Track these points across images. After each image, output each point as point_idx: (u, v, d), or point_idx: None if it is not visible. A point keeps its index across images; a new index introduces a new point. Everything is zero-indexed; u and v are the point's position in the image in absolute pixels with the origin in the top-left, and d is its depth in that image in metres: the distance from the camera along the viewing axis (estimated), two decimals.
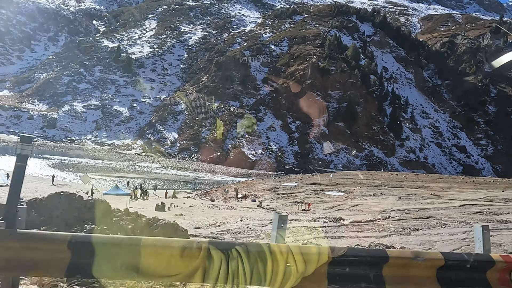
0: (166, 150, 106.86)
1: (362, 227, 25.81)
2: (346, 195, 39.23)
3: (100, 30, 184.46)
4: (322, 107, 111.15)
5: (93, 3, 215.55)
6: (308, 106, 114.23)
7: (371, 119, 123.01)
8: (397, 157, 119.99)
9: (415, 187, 48.87)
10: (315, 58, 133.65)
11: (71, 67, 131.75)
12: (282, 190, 42.84)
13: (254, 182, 53.89)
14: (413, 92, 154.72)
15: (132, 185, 43.68)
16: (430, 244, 19.84)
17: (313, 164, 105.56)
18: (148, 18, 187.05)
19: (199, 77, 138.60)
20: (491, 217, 27.15)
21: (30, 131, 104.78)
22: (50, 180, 38.16)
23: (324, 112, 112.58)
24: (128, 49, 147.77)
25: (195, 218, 26.57)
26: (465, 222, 25.32)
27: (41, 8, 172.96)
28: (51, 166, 60.34)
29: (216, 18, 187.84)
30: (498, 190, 48.15)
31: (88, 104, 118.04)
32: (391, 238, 21.77)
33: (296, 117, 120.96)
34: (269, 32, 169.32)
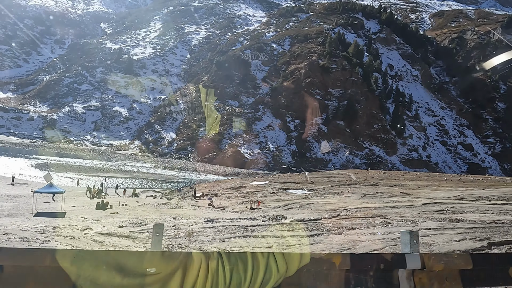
0: (163, 150, 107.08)
1: (298, 226, 24.83)
2: (308, 194, 38.10)
3: (107, 32, 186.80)
4: (316, 106, 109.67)
5: (102, 6, 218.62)
6: (302, 105, 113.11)
7: (372, 118, 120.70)
8: (399, 155, 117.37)
9: (390, 185, 47.29)
10: (316, 56, 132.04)
11: (73, 69, 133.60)
12: (247, 189, 41.96)
13: (230, 181, 53.14)
14: (418, 90, 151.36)
15: (96, 184, 43.49)
16: (353, 244, 18.74)
17: (310, 163, 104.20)
18: (154, 19, 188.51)
19: (200, 77, 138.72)
20: (447, 216, 25.73)
21: (29, 132, 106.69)
22: (10, 180, 38.19)
23: (318, 111, 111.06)
24: (131, 50, 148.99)
25: (127, 217, 25.94)
26: (412, 221, 24.07)
27: (48, 12, 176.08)
28: (34, 166, 60.86)
29: (221, 18, 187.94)
30: (478, 189, 46.23)
31: (88, 105, 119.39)
32: (317, 237, 20.74)
33: (295, 116, 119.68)
34: (273, 31, 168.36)
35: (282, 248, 17.01)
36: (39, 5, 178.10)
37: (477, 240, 17.34)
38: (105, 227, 22.28)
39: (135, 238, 19.90)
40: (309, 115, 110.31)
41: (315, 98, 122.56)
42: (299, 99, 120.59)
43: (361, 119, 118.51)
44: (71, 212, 27.05)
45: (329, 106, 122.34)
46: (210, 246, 17.24)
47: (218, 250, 4.37)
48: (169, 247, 16.58)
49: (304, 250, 16.92)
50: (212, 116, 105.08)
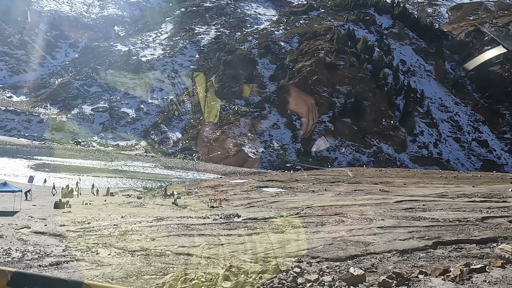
0: (168, 150, 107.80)
1: (246, 224, 24.17)
2: (280, 192, 37.26)
3: (120, 35, 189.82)
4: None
5: (116, 10, 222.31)
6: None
7: (380, 114, 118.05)
8: (408, 153, 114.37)
9: (375, 182, 45.86)
10: (323, 53, 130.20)
11: (84, 71, 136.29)
12: (224, 187, 41.43)
13: (213, 179, 52.76)
14: (432, 85, 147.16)
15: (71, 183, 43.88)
16: (285, 243, 18.02)
17: (316, 161, 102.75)
18: (165, 21, 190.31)
19: (207, 77, 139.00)
20: (413, 214, 24.60)
21: (39, 134, 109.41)
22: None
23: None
24: (140, 52, 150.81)
25: (76, 216, 25.90)
26: (370, 219, 23.09)
27: (62, 16, 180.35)
28: (30, 167, 62.09)
29: (231, 17, 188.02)
30: (469, 186, 44.31)
31: (96, 107, 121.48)
32: (253, 237, 20.11)
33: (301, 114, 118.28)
34: (282, 29, 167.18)
35: (209, 246, 16.39)
36: (54, 10, 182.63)
37: (424, 239, 16.24)
38: (46, 226, 22.16)
39: (65, 237, 19.66)
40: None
41: (322, 96, 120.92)
42: (305, 98, 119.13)
43: (368, 116, 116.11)
44: (25, 211, 27.15)
45: (336, 104, 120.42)
46: (135, 245, 16.82)
47: None
48: (90, 246, 16.22)
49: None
50: (213, 109, 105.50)
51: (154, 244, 16.03)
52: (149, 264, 11.43)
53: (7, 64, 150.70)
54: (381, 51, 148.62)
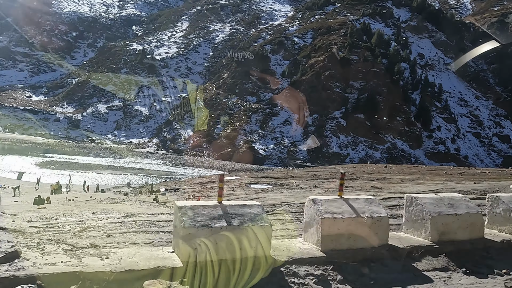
0: (179, 147, 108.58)
1: None
2: (266, 188, 36.61)
3: (138, 34, 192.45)
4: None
5: (134, 9, 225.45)
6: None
7: (395, 110, 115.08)
8: (424, 149, 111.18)
9: (372, 179, 44.51)
10: (336, 48, 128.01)
11: (100, 70, 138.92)
12: (214, 184, 41.08)
13: (209, 177, 52.57)
14: (451, 79, 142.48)
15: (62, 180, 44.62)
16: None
17: (326, 158, 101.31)
18: (181, 19, 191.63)
19: (220, 74, 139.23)
20: (395, 211, 23.65)
21: (55, 132, 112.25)
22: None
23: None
24: (155, 51, 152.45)
25: (50, 211, 26.17)
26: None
27: (81, 17, 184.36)
28: (37, 164, 63.62)
29: (246, 14, 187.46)
30: (470, 182, 42.44)
31: (111, 105, 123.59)
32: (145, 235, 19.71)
33: (313, 110, 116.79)
34: (297, 25, 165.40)
35: (161, 243, 16.09)
36: (74, 11, 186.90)
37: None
38: (14, 221, 22.36)
39: (23, 233, 19.76)
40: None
41: (335, 91, 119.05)
42: (318, 93, 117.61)
43: (382, 112, 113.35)
44: (1, 207, 27.57)
45: (349, 99, 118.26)
46: (87, 242, 16.71)
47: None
48: (40, 242, 16.21)
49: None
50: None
51: (106, 241, 15.80)
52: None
53: (28, 65, 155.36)
54: (397, 45, 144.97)
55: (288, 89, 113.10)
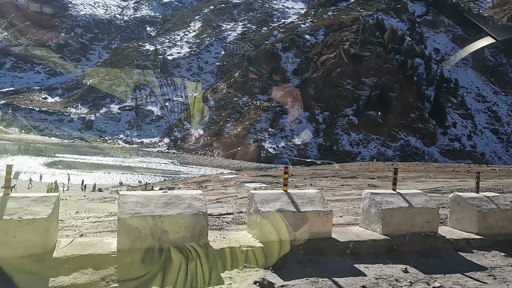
0: (189, 146, 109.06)
1: None
2: (260, 187, 36.12)
3: (152, 35, 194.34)
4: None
5: (149, 11, 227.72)
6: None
7: (408, 106, 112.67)
8: (438, 146, 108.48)
9: (372, 177, 43.44)
10: (347, 44, 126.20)
11: (113, 72, 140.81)
12: (210, 183, 40.87)
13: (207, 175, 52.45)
14: (468, 74, 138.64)
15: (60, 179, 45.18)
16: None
17: (337, 156, 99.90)
18: (194, 19, 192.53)
19: (231, 73, 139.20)
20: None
21: (69, 133, 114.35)
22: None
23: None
24: (167, 51, 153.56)
25: None
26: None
27: (96, 20, 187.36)
28: (44, 164, 64.76)
29: (259, 13, 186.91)
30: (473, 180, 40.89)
31: (123, 106, 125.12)
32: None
33: (324, 108, 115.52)
34: (309, 22, 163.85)
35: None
36: (89, 14, 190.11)
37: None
38: None
39: None
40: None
41: (346, 89, 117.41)
42: (329, 90, 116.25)
43: (395, 109, 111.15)
44: None
45: (361, 96, 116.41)
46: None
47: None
48: None
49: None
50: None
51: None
52: None
53: (45, 67, 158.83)
54: (412, 40, 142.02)
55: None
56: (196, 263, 4.18)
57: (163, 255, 4.21)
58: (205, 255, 4.31)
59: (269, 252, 4.78)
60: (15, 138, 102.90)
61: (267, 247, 4.86)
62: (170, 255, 4.23)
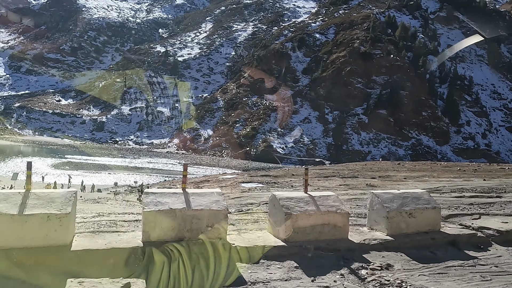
0: (198, 147, 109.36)
1: None
2: (256, 187, 35.75)
3: (164, 37, 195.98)
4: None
5: (161, 13, 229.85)
6: (342, 96, 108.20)
7: (420, 104, 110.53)
8: (451, 145, 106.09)
9: (373, 176, 42.59)
10: (358, 42, 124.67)
11: (124, 73, 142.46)
12: (209, 183, 40.71)
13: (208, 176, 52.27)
14: (484, 71, 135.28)
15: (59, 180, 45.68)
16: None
17: (347, 156, 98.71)
18: (206, 20, 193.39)
19: (241, 73, 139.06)
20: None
21: (81, 134, 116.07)
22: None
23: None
24: (178, 52, 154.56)
25: None
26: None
27: (110, 23, 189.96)
28: (52, 165, 65.70)
29: (269, 13, 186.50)
30: (478, 179, 39.72)
31: (134, 107, 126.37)
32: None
33: (334, 107, 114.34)
34: (320, 21, 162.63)
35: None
36: (102, 17, 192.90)
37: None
38: None
39: None
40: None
41: (356, 87, 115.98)
42: (338, 89, 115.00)
43: (406, 107, 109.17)
44: None
45: (371, 95, 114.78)
46: None
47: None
48: None
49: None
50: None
51: None
52: None
53: (60, 70, 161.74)
54: (425, 37, 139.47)
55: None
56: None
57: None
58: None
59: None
60: (29, 140, 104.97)
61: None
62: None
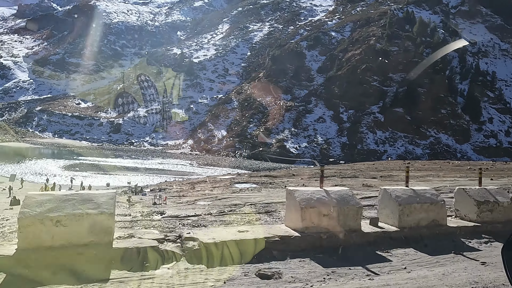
0: (212, 148, 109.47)
1: (159, 223, 23.01)
2: (249, 188, 35.09)
3: (181, 39, 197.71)
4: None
5: (180, 16, 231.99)
6: (357, 94, 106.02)
7: (438, 102, 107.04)
8: (472, 143, 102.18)
9: (374, 176, 41.13)
10: (374, 39, 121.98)
11: (141, 76, 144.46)
12: (204, 184, 40.32)
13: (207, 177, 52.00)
14: (508, 66, 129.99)
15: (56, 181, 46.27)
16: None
17: (362, 155, 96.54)
18: (223, 22, 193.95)
19: (256, 73, 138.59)
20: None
21: (98, 136, 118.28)
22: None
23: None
24: (194, 54, 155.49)
25: (8, 212, 26.86)
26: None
27: (129, 27, 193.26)
28: (63, 167, 66.96)
29: (286, 12, 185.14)
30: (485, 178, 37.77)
31: (150, 109, 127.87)
32: None
33: (349, 106, 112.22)
34: (337, 19, 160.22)
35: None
36: (122, 21, 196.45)
37: None
38: None
39: None
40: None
41: (372, 85, 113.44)
42: (354, 88, 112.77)
43: (424, 105, 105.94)
44: None
45: (387, 93, 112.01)
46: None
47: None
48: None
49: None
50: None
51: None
52: None
53: (80, 74, 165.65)
54: (446, 32, 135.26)
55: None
56: None
57: None
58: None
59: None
60: (48, 142, 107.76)
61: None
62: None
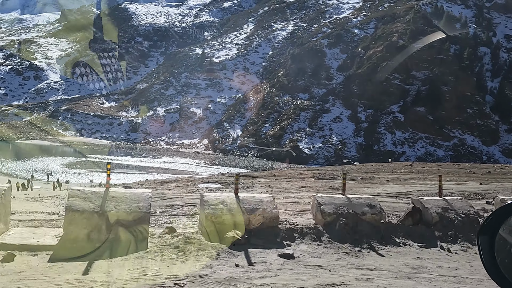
0: (226, 147, 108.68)
1: None
2: (212, 188, 33.46)
3: (207, 39, 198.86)
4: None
5: (208, 16, 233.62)
6: (376, 93, 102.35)
7: (464, 101, 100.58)
8: (500, 145, 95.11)
9: (353, 178, 38.19)
10: (396, 36, 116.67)
11: (163, 76, 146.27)
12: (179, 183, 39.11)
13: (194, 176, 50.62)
14: None
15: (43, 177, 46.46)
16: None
17: (378, 156, 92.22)
18: (248, 21, 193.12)
19: (276, 72, 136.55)
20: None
21: (117, 135, 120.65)
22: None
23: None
24: (215, 54, 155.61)
25: None
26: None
27: (156, 28, 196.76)
28: (64, 164, 68.17)
29: (311, 10, 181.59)
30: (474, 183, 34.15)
31: (169, 108, 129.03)
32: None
33: (368, 105, 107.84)
34: (363, 16, 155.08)
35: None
36: (150, 23, 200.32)
37: None
38: None
39: None
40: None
41: (392, 84, 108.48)
42: (374, 86, 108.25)
43: (449, 103, 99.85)
44: None
45: (409, 91, 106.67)
46: None
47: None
48: None
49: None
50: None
51: None
52: None
53: (108, 75, 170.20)
54: (478, 27, 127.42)
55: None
56: None
57: None
58: None
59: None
60: (68, 141, 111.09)
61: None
62: None
